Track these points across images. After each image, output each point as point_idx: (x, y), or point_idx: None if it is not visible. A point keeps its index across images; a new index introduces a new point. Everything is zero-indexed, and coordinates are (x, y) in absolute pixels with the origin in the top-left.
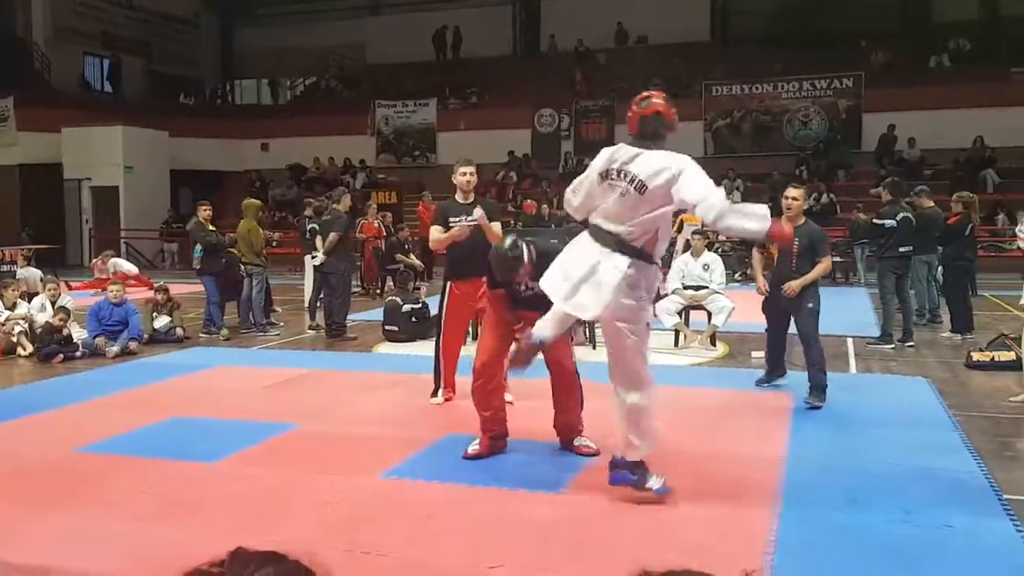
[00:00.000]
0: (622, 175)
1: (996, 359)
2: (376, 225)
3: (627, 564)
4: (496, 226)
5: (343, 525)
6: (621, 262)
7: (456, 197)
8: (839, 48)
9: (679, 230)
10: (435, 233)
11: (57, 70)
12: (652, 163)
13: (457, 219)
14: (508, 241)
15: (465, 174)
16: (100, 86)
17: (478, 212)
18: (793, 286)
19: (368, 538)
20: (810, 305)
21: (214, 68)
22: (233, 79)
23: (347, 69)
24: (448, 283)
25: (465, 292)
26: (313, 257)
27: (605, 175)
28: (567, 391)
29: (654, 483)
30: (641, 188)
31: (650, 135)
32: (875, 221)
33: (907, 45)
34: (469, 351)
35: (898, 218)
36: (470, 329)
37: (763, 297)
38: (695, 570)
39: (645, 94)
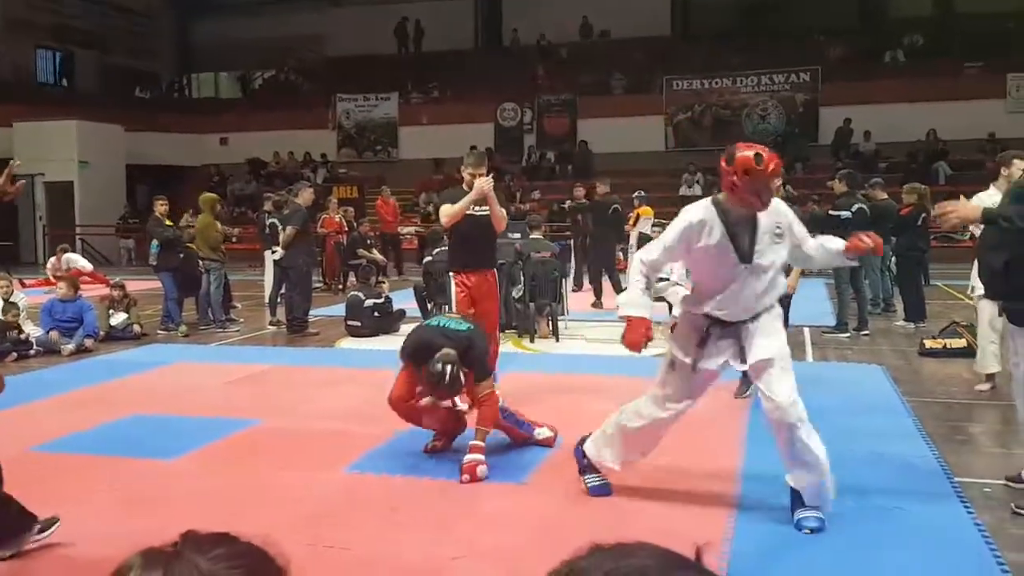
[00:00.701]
0: None
1: (948, 346)
2: (337, 220)
3: None
4: (502, 212)
5: (306, 520)
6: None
7: (463, 187)
8: (797, 43)
9: (635, 224)
10: (448, 208)
11: (8, 63)
12: None
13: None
14: (439, 369)
15: (474, 175)
16: (53, 79)
17: (486, 179)
18: (791, 284)
19: (331, 532)
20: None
21: (171, 61)
22: (190, 72)
23: (307, 62)
24: (451, 275)
25: (468, 282)
26: (273, 252)
27: None
28: (514, 438)
29: (590, 480)
30: None
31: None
32: (831, 212)
33: (863, 40)
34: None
35: (853, 209)
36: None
37: None
38: (645, 542)
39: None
